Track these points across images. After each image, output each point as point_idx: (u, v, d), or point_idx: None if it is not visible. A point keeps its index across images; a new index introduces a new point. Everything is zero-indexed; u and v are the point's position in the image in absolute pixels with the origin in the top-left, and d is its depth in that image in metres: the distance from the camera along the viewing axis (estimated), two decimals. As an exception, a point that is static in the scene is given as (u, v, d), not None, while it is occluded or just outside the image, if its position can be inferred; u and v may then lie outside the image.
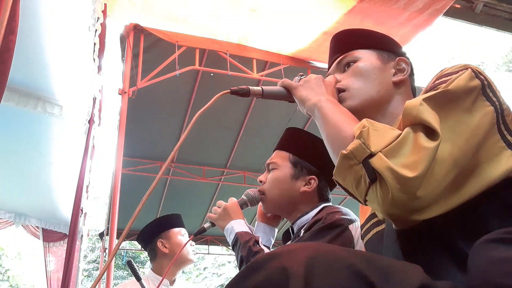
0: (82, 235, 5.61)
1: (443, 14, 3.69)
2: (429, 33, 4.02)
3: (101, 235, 7.69)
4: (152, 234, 2.28)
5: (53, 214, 5.64)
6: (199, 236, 8.40)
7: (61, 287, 3.14)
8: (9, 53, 1.41)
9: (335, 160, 0.75)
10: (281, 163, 1.46)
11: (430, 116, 0.65)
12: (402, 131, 0.68)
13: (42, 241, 6.07)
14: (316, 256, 0.52)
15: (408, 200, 0.61)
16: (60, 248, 6.11)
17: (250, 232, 1.39)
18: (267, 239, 1.51)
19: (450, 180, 0.63)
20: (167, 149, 6.08)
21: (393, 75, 0.96)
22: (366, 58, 0.97)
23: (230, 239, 1.39)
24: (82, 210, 4.51)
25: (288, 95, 0.94)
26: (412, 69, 0.99)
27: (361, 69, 0.95)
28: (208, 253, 9.72)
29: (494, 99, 0.70)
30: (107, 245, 4.82)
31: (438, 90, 0.68)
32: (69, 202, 3.54)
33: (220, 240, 8.39)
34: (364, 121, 0.72)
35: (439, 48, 18.36)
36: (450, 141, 0.64)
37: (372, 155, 0.65)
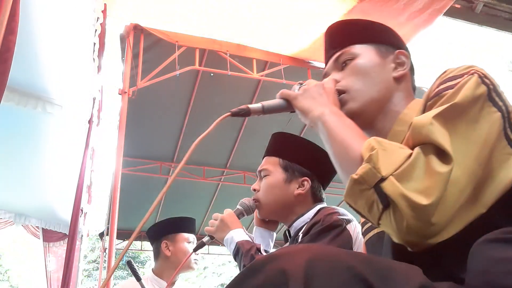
0: (82, 235, 5.61)
1: (443, 14, 3.69)
2: (429, 33, 4.02)
3: (101, 235, 7.69)
4: (159, 232, 2.26)
5: (53, 214, 5.64)
6: (198, 236, 8.37)
7: (61, 287, 3.14)
8: (9, 53, 1.41)
9: (344, 180, 0.73)
10: (272, 169, 1.46)
11: (442, 137, 0.63)
12: (410, 146, 0.67)
13: (42, 241, 6.07)
14: (315, 258, 0.52)
15: (424, 227, 0.60)
16: (60, 248, 6.11)
17: (251, 240, 1.39)
18: (266, 243, 1.51)
19: (464, 200, 0.62)
20: (167, 149, 6.09)
21: (393, 70, 0.92)
22: (364, 54, 0.93)
23: (231, 249, 1.39)
24: (82, 210, 4.51)
25: (288, 106, 0.91)
26: (411, 61, 0.96)
27: (360, 67, 0.91)
28: (208, 253, 9.72)
29: (500, 103, 0.69)
30: (107, 245, 4.81)
31: (446, 106, 0.66)
32: (69, 202, 3.54)
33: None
34: (372, 141, 0.69)
35: (439, 48, 18.36)
36: (462, 158, 0.63)
37: (383, 179, 0.63)
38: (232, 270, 15.99)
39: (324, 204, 1.46)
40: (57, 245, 6.17)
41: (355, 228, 1.29)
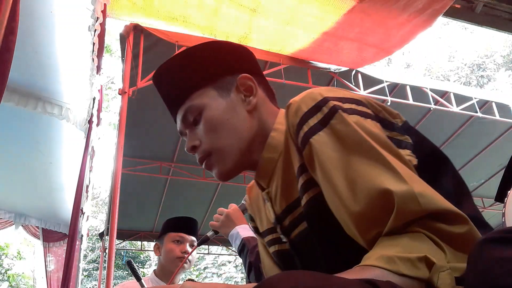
0: (82, 235, 5.60)
1: (443, 14, 3.69)
2: (429, 32, 4.03)
3: (101, 235, 7.69)
4: (158, 236, 2.27)
5: (53, 214, 5.64)
6: (198, 236, 8.38)
7: (61, 287, 3.15)
8: (9, 53, 1.41)
9: None
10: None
11: (443, 202, 0.56)
12: (393, 225, 0.56)
13: (42, 241, 6.08)
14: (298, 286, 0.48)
15: None
16: (60, 248, 6.11)
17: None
18: None
19: None
20: (167, 149, 6.09)
21: (243, 103, 0.81)
22: (209, 103, 0.80)
23: (236, 245, 1.39)
24: (82, 210, 4.51)
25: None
26: (258, 80, 0.84)
27: (212, 122, 0.79)
28: (208, 253, 9.72)
29: (365, 109, 0.69)
30: (107, 245, 4.81)
31: (382, 155, 0.60)
32: (69, 202, 3.54)
33: (220, 240, 8.38)
34: (396, 256, 0.53)
35: (439, 47, 18.35)
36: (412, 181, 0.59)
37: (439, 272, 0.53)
38: (232, 270, 15.98)
39: None
40: (57, 245, 6.17)
41: None
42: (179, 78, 0.83)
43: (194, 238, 2.17)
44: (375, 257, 0.54)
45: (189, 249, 2.09)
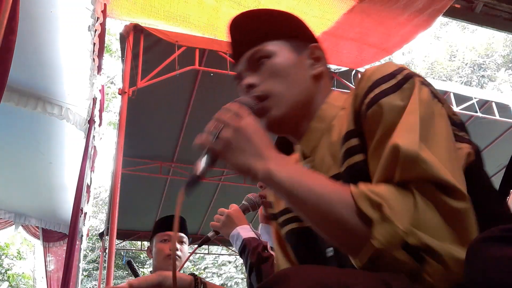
0: (82, 235, 5.61)
1: (443, 14, 3.69)
2: (429, 32, 4.03)
3: (101, 235, 7.69)
4: (149, 239, 2.27)
5: (53, 214, 5.64)
6: (198, 236, 8.39)
7: (61, 287, 3.15)
8: (9, 53, 1.41)
9: (340, 245, 0.65)
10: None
11: (444, 172, 0.58)
12: (396, 176, 0.61)
13: (42, 241, 6.08)
14: (308, 281, 0.51)
15: (461, 273, 0.56)
16: (60, 248, 6.11)
17: (257, 237, 1.39)
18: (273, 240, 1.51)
19: None
20: (167, 149, 6.09)
21: (310, 67, 0.85)
22: (280, 52, 0.83)
23: (236, 245, 1.38)
24: (82, 210, 4.51)
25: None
26: (325, 56, 0.89)
27: (279, 68, 0.81)
28: (208, 253, 9.72)
29: (438, 94, 0.70)
30: (107, 245, 4.81)
31: (419, 126, 0.62)
32: (69, 202, 3.54)
33: (220, 240, 8.39)
34: (368, 193, 0.60)
35: (439, 47, 18.35)
36: (462, 183, 0.60)
37: (405, 233, 0.56)
38: (232, 270, 15.98)
39: None
40: (57, 245, 6.17)
41: None
42: (261, 24, 0.87)
43: (182, 234, 2.14)
44: (359, 185, 0.62)
45: (178, 246, 2.08)
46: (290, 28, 0.88)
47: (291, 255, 0.92)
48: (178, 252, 2.05)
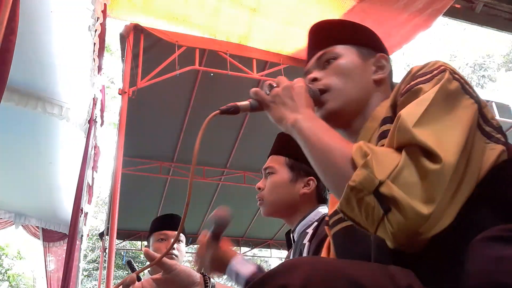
0: (82, 235, 5.61)
1: (443, 14, 3.69)
2: (429, 32, 4.03)
3: (101, 235, 7.69)
4: (146, 239, 2.26)
5: (53, 214, 5.64)
6: (198, 236, 8.37)
7: (61, 287, 3.15)
8: (9, 53, 1.41)
9: (332, 188, 0.74)
10: (278, 168, 1.45)
11: (427, 138, 0.64)
12: (395, 146, 0.68)
13: (42, 241, 6.08)
14: (313, 271, 0.54)
15: (421, 225, 0.61)
16: (60, 248, 6.11)
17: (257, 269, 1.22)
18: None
19: (454, 189, 0.63)
20: (167, 149, 6.09)
21: (373, 73, 0.94)
22: (347, 55, 0.94)
23: (239, 284, 1.20)
24: (82, 210, 4.51)
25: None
26: (391, 66, 0.98)
27: (343, 67, 0.92)
28: (208, 253, 9.70)
29: (475, 95, 0.72)
30: (107, 245, 4.82)
31: (426, 108, 0.67)
32: (69, 202, 3.54)
33: (220, 240, 8.37)
34: (363, 146, 0.69)
35: (439, 47, 18.35)
36: (448, 148, 0.64)
37: (381, 183, 0.63)
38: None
39: (326, 209, 1.44)
40: (57, 245, 6.17)
41: None
42: (333, 30, 1.00)
43: None
44: (360, 142, 0.70)
45: (176, 245, 2.04)
46: (359, 37, 0.98)
47: None
48: (175, 251, 2.02)
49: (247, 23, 4.01)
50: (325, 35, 0.99)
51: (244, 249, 8.91)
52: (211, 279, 1.04)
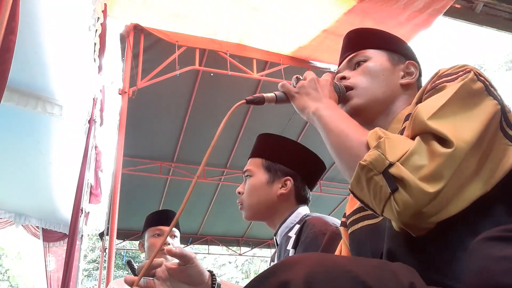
0: (82, 235, 5.61)
1: (443, 14, 3.69)
2: (429, 32, 4.03)
3: (101, 235, 7.69)
4: (140, 234, 2.27)
5: (53, 214, 5.64)
6: (198, 236, 8.40)
7: (61, 287, 3.14)
8: (9, 53, 1.41)
9: (345, 170, 0.76)
10: (255, 170, 1.45)
11: (441, 126, 0.66)
12: (411, 137, 0.69)
13: (42, 241, 6.07)
14: (315, 267, 0.54)
15: (427, 206, 0.62)
16: (60, 248, 6.11)
17: None
18: None
19: (466, 177, 0.64)
20: (167, 149, 6.09)
21: (401, 78, 0.97)
22: (376, 58, 0.98)
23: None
24: (82, 210, 4.51)
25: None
26: (420, 73, 1.01)
27: (371, 68, 0.97)
28: (209, 253, 9.71)
29: (498, 97, 0.73)
30: (107, 245, 4.82)
31: (445, 102, 0.69)
32: (69, 202, 3.54)
33: (220, 240, 8.38)
34: (378, 131, 0.72)
35: (439, 47, 18.36)
36: (462, 135, 0.65)
37: (391, 165, 0.65)
38: (233, 271, 15.98)
39: (307, 209, 1.43)
40: (57, 245, 6.17)
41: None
42: (365, 36, 1.05)
43: (173, 229, 2.14)
44: (376, 128, 0.74)
45: (170, 240, 2.06)
46: (390, 43, 1.03)
47: None
48: (171, 246, 2.04)
49: (247, 23, 4.01)
50: (358, 39, 1.04)
51: (244, 249, 8.92)
52: (217, 278, 1.04)
